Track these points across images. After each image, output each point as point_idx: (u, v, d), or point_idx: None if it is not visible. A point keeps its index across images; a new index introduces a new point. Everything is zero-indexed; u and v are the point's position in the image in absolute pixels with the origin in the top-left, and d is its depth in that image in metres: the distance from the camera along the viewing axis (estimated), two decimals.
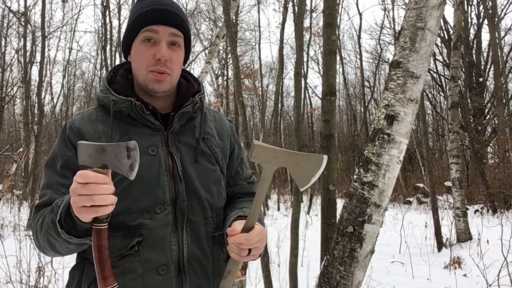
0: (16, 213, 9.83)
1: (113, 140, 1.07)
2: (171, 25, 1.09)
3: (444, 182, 13.73)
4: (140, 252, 1.03)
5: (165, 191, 1.06)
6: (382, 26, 20.75)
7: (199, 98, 1.17)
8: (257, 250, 0.98)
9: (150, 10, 1.08)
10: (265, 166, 0.95)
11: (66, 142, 1.10)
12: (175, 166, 1.09)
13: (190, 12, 17.73)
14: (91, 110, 1.16)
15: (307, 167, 0.96)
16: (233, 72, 6.42)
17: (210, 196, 1.12)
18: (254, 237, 0.95)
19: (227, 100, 16.71)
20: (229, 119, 1.33)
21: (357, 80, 25.17)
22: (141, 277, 1.02)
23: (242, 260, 0.99)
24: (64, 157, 1.09)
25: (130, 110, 1.08)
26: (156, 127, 1.10)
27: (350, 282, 1.93)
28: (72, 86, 22.74)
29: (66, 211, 0.92)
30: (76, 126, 1.11)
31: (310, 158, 0.96)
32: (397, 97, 1.98)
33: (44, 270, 4.04)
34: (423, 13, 1.99)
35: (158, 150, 1.09)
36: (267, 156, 0.95)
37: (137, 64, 1.11)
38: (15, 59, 15.76)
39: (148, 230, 1.04)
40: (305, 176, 0.96)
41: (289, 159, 0.96)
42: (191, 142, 1.14)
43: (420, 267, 5.61)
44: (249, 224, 0.97)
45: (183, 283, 1.05)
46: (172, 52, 1.10)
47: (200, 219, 1.10)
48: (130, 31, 1.11)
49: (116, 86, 1.14)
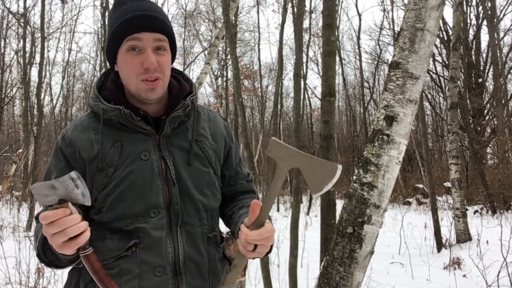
0: (15, 214, 9.81)
1: (105, 147, 1.08)
2: (154, 31, 1.07)
3: (443, 182, 13.74)
4: (137, 253, 1.04)
5: (158, 195, 1.07)
6: (381, 27, 20.77)
7: (190, 100, 1.16)
8: (263, 248, 0.99)
9: (130, 18, 1.05)
10: (280, 163, 0.97)
11: (58, 154, 1.12)
12: (168, 170, 1.09)
13: (190, 13, 17.75)
14: (84, 118, 1.16)
15: (321, 173, 0.96)
16: (232, 73, 6.42)
17: (204, 198, 1.12)
18: (265, 233, 0.96)
19: (227, 101, 16.71)
20: (224, 118, 1.32)
21: (357, 81, 25.19)
22: (137, 278, 1.03)
23: (248, 256, 0.99)
24: (56, 170, 1.11)
25: (120, 118, 1.08)
26: (147, 132, 1.10)
27: (350, 282, 1.93)
28: (71, 87, 22.71)
29: (43, 246, 0.96)
30: (68, 136, 1.12)
31: (325, 164, 0.97)
32: (396, 98, 1.98)
33: (44, 271, 4.03)
34: (422, 14, 2.00)
35: (151, 155, 1.09)
36: (282, 153, 0.96)
37: (126, 73, 1.09)
38: (14, 60, 15.78)
39: (144, 233, 1.04)
40: (318, 182, 0.96)
41: (305, 161, 0.96)
42: (184, 145, 1.13)
43: (419, 268, 5.61)
44: (261, 220, 0.97)
45: (180, 284, 1.06)
46: (159, 56, 1.08)
47: (195, 221, 1.11)
48: (113, 41, 1.09)
49: (106, 92, 1.14)
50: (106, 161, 1.07)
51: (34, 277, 3.96)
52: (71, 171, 0.92)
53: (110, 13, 1.15)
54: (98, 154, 1.07)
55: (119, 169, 1.06)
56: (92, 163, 1.07)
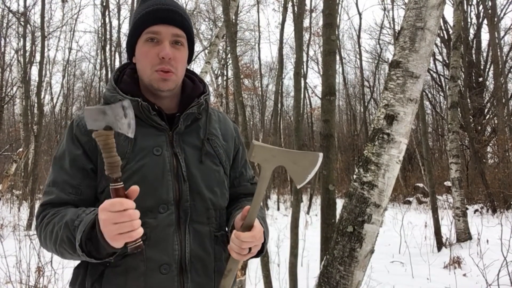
0: (15, 213, 9.81)
1: (118, 139, 1.05)
2: (173, 25, 1.10)
3: (443, 182, 13.73)
4: (143, 251, 1.03)
5: (169, 191, 1.07)
6: (381, 26, 20.75)
7: (204, 99, 1.17)
8: (256, 248, 1.01)
9: (152, 11, 1.09)
10: (264, 165, 0.97)
11: (74, 140, 1.10)
12: (180, 167, 1.09)
13: (190, 12, 17.72)
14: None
15: (303, 164, 0.98)
16: (232, 72, 6.42)
17: (213, 196, 1.13)
18: (257, 234, 0.98)
19: (227, 100, 16.71)
20: (233, 120, 1.34)
21: (357, 80, 25.17)
22: (143, 276, 1.03)
23: (243, 258, 1.00)
24: (71, 155, 1.09)
25: (137, 110, 1.08)
26: (161, 128, 1.11)
27: (350, 282, 1.93)
28: (71, 86, 22.72)
29: (87, 234, 0.93)
30: (83, 124, 1.10)
31: (306, 156, 0.98)
32: (396, 97, 1.98)
33: (44, 270, 4.03)
34: (423, 13, 1.99)
35: (163, 151, 1.09)
36: (266, 155, 0.96)
37: (142, 64, 1.12)
38: (14, 59, 15.76)
39: (151, 229, 1.04)
40: (301, 173, 0.98)
41: (287, 157, 0.97)
42: (196, 143, 1.14)
43: (419, 267, 5.61)
44: (249, 222, 0.98)
45: (185, 282, 1.06)
46: (176, 50, 1.10)
47: (204, 219, 1.11)
48: (133, 32, 1.12)
49: (123, 85, 1.14)
50: (119, 153, 1.05)
51: (34, 276, 3.96)
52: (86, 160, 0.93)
53: (136, 9, 1.18)
54: None
55: (131, 162, 1.06)
56: None
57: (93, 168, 1.08)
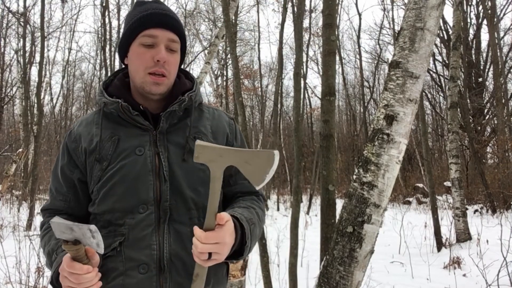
0: (15, 213, 9.80)
1: (102, 140, 1.11)
2: (169, 29, 1.12)
3: (443, 182, 13.74)
4: (122, 251, 1.06)
5: (149, 191, 1.07)
6: (381, 26, 20.77)
7: (188, 96, 1.16)
8: (216, 255, 0.94)
9: (149, 14, 1.10)
10: (212, 166, 0.94)
11: (64, 149, 1.18)
12: (161, 166, 1.09)
13: (190, 13, 17.73)
14: (90, 114, 1.22)
15: (257, 164, 0.94)
16: (232, 72, 6.42)
17: (196, 196, 1.11)
18: (212, 238, 0.92)
19: (227, 100, 16.71)
20: (230, 116, 1.30)
21: (357, 80, 25.18)
22: (122, 275, 1.05)
23: (205, 264, 0.95)
24: (61, 164, 1.17)
25: (118, 111, 1.11)
26: (145, 127, 1.12)
27: (350, 282, 1.93)
28: (71, 86, 22.75)
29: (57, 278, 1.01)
30: (74, 132, 1.18)
31: (258, 154, 0.95)
32: (396, 97, 1.98)
33: (44, 270, 4.03)
34: (422, 13, 1.99)
35: (145, 150, 1.10)
36: (212, 155, 0.94)
37: (135, 65, 1.12)
38: (14, 59, 15.77)
39: (130, 229, 1.06)
40: (257, 174, 0.94)
41: (236, 157, 0.94)
42: (180, 141, 1.14)
43: (419, 267, 5.61)
44: (207, 226, 0.94)
45: (164, 282, 1.05)
46: (170, 55, 1.12)
47: (185, 219, 1.10)
48: (129, 33, 1.12)
49: (111, 89, 1.17)
50: (102, 154, 1.10)
51: (34, 277, 3.96)
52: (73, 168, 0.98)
53: (130, 11, 1.19)
54: (96, 147, 1.10)
55: (113, 163, 1.09)
56: (91, 155, 1.11)
57: (80, 178, 1.15)
